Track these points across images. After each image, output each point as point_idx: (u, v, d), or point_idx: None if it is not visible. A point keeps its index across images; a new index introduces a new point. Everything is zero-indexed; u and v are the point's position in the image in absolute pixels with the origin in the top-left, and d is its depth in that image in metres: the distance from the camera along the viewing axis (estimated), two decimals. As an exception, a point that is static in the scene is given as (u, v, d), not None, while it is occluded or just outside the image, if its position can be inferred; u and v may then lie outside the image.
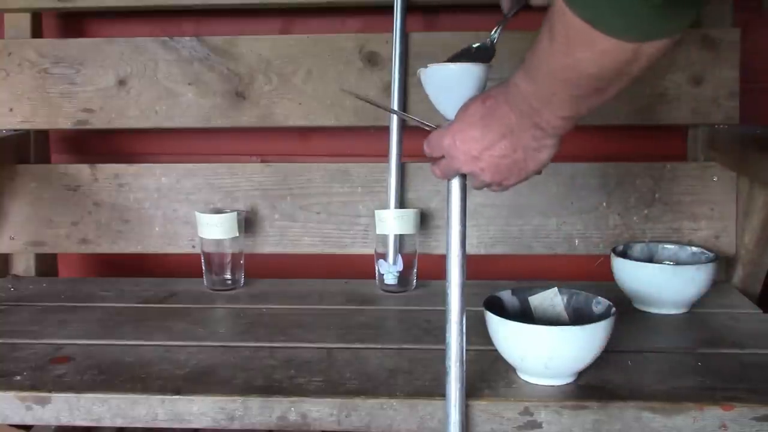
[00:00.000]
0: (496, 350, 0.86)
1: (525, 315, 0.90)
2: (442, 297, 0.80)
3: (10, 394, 0.83)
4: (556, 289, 0.90)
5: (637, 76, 0.59)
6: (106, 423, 0.83)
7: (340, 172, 1.26)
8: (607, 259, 1.11)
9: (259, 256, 1.26)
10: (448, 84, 0.76)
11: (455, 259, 0.78)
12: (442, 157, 0.76)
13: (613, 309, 0.85)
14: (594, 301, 0.88)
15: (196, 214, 1.18)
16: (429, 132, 0.78)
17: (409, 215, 1.17)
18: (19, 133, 1.29)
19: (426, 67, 0.79)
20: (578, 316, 0.88)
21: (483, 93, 0.73)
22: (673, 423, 0.79)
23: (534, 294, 0.91)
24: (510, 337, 0.83)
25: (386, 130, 1.22)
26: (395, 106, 1.21)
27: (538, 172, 0.74)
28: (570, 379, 0.84)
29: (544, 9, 0.62)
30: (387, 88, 1.23)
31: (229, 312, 1.10)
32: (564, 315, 0.90)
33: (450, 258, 0.78)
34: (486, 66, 0.77)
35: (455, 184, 0.79)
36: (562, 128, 0.68)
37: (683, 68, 1.21)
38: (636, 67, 0.58)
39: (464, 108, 0.73)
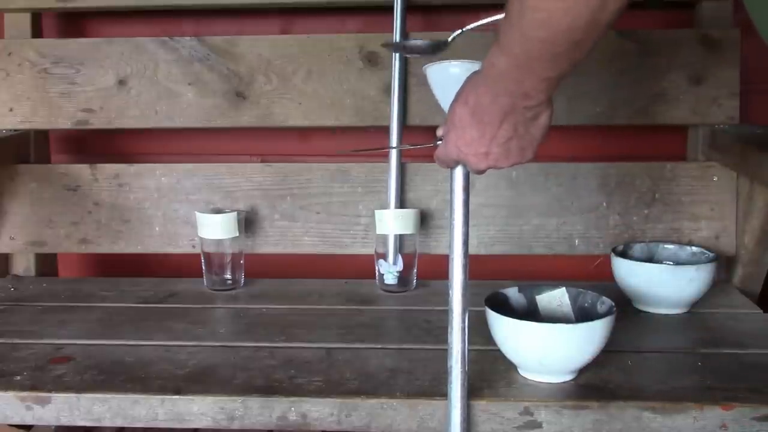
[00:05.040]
0: (496, 350, 0.86)
1: (531, 314, 0.90)
2: (442, 297, 0.80)
3: (10, 394, 0.83)
4: (564, 289, 0.90)
5: (609, 24, 0.59)
6: (106, 423, 0.83)
7: (340, 172, 1.26)
8: (607, 259, 1.11)
9: (259, 256, 1.26)
10: (450, 82, 0.77)
11: (458, 259, 0.78)
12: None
13: (613, 308, 0.85)
14: (599, 301, 0.88)
15: (196, 214, 1.18)
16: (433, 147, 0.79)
17: (409, 215, 1.17)
18: (19, 133, 1.28)
19: (428, 64, 0.80)
20: (584, 316, 0.88)
21: (459, 95, 0.72)
22: (673, 423, 0.79)
23: (541, 293, 0.91)
24: (509, 335, 0.83)
25: (386, 130, 1.22)
26: (395, 106, 1.21)
27: (546, 135, 0.72)
28: (569, 377, 0.84)
29: None
30: (387, 88, 1.22)
31: (229, 312, 1.10)
32: (571, 315, 0.90)
33: (453, 258, 0.78)
34: None
35: (458, 184, 0.79)
36: (550, 89, 0.66)
37: (683, 68, 1.21)
38: (605, 16, 0.57)
39: (451, 116, 0.73)
